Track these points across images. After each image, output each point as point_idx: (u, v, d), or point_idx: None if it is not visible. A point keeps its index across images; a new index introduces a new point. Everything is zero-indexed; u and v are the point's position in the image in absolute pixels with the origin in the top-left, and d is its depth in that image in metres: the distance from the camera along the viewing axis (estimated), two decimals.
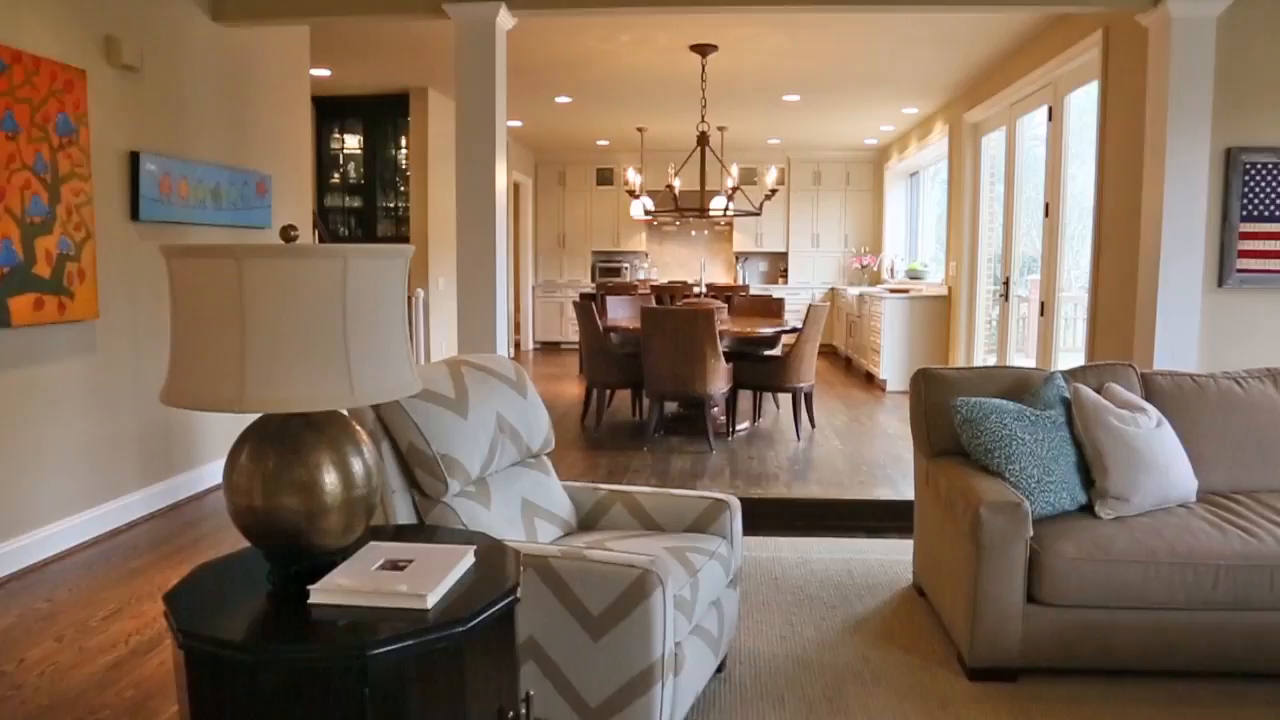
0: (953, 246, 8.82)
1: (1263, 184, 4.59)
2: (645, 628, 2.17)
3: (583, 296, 9.22)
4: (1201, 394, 3.50)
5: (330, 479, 1.60)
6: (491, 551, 1.83)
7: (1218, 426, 3.45)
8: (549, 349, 13.11)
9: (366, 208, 8.99)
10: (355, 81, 8.20)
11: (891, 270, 11.86)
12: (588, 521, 2.95)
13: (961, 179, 8.51)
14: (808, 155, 12.90)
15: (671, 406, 7.11)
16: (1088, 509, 3.08)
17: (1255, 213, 4.61)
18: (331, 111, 8.84)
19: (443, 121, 8.68)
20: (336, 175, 9.05)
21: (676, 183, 7.41)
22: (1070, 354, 6.27)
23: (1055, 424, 3.14)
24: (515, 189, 12.19)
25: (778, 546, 4.26)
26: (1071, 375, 3.47)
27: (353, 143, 9.01)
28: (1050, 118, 6.33)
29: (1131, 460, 3.05)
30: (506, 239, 5.07)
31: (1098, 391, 3.31)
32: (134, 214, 4.58)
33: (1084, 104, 5.88)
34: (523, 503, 2.70)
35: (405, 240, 8.67)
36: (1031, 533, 2.88)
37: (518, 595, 1.68)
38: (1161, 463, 3.09)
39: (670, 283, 11.10)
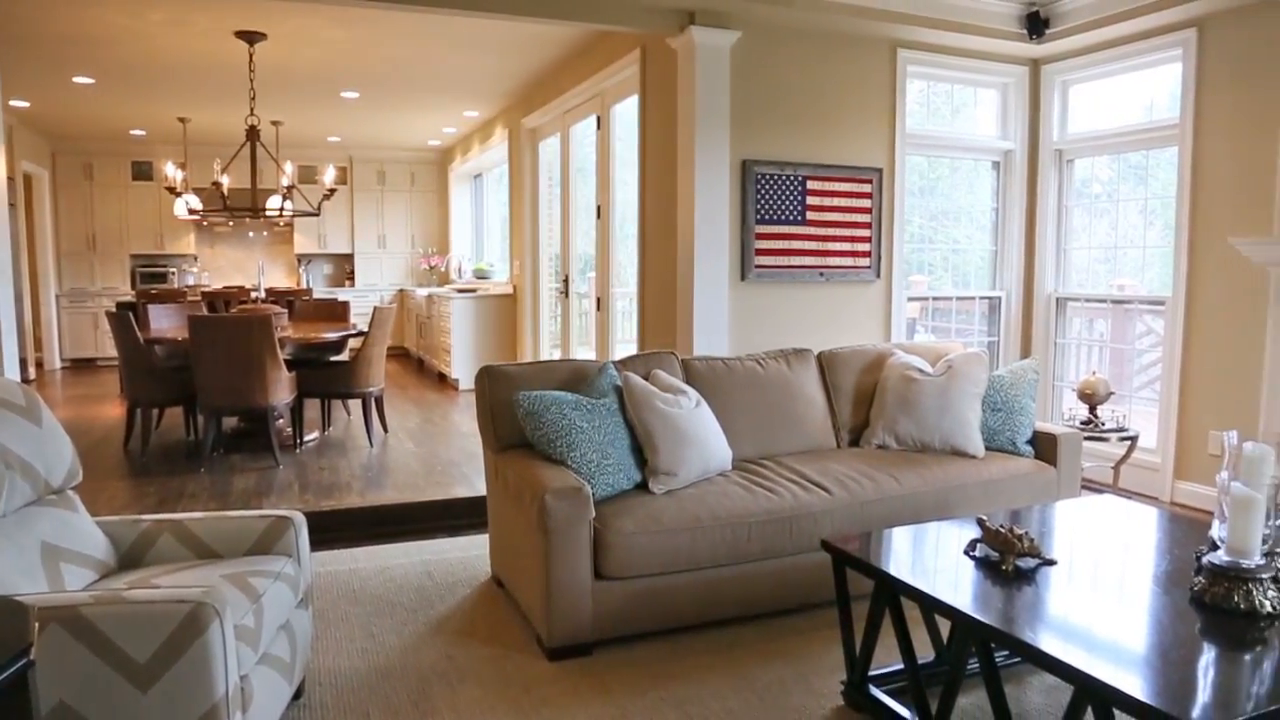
0: (516, 246, 9.14)
1: (770, 192, 5.33)
2: (203, 667, 1.97)
3: (120, 306, 8.19)
4: (731, 375, 3.99)
5: None
6: None
7: (745, 402, 3.95)
8: (81, 367, 11.47)
9: None
10: None
11: (459, 270, 12.02)
12: (130, 559, 2.62)
13: (522, 182, 8.84)
14: (371, 155, 12.62)
15: (231, 422, 6.58)
16: (643, 486, 3.36)
17: (766, 217, 5.33)
18: None
19: None
20: None
21: (225, 180, 6.84)
22: (627, 345, 6.79)
23: (610, 410, 3.39)
24: (26, 181, 10.46)
25: (355, 558, 4.12)
26: (622, 364, 3.76)
27: None
28: (599, 126, 6.80)
29: (677, 438, 3.38)
30: (16, 239, 4.32)
31: (645, 378, 3.62)
32: None
33: (628, 115, 6.38)
34: (43, 547, 2.32)
35: None
36: (594, 514, 3.08)
37: (31, 657, 1.43)
38: (702, 438, 3.47)
39: (225, 288, 10.25)
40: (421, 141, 11.85)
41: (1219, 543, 2.30)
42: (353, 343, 6.64)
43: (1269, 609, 2.17)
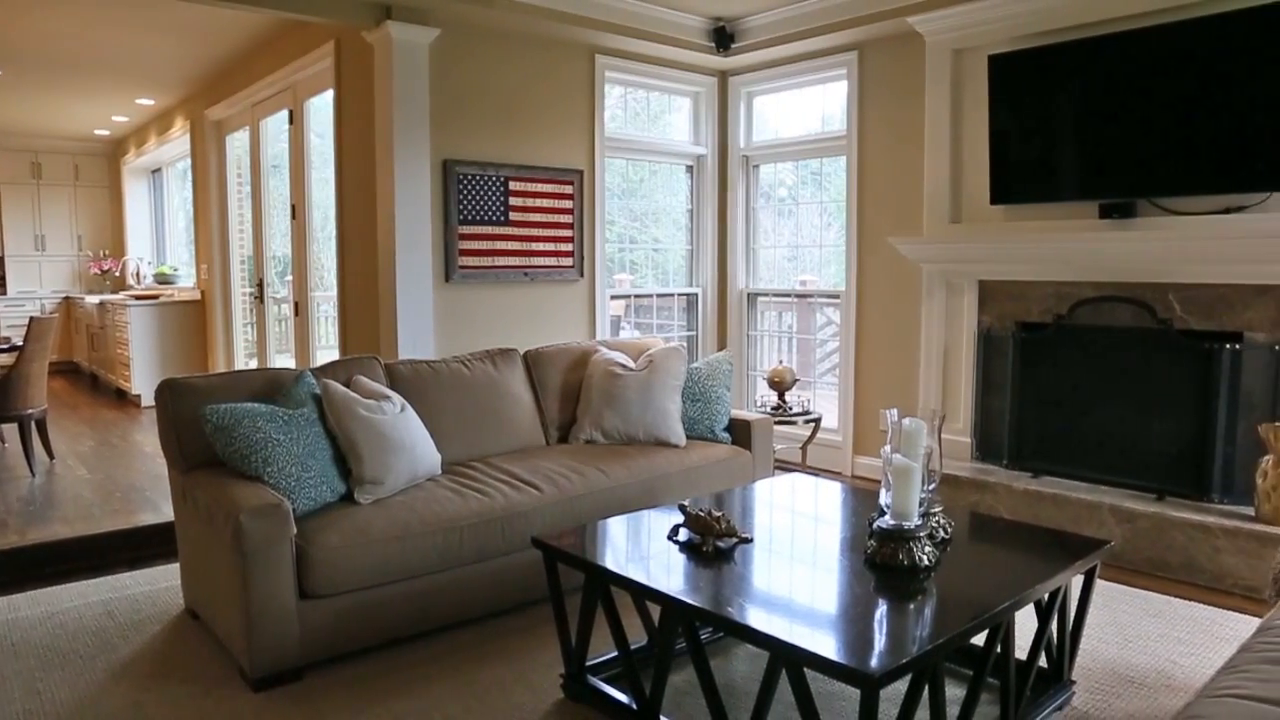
0: (203, 248, 8.45)
1: (473, 193, 5.28)
2: None
3: None
4: (437, 378, 3.92)
5: None
6: None
7: (453, 404, 3.90)
8: None
9: None
10: None
11: (138, 275, 10.93)
12: None
13: (207, 178, 8.18)
14: (22, 143, 11.11)
15: None
16: (348, 497, 3.22)
17: (469, 217, 5.28)
18: None
19: None
20: None
21: None
22: (329, 351, 6.47)
23: (309, 420, 3.21)
24: None
25: (14, 605, 3.62)
26: (321, 371, 3.59)
27: None
28: (292, 121, 6.42)
29: (382, 445, 3.27)
30: None
31: (347, 385, 3.47)
32: None
33: (324, 110, 6.07)
34: None
35: None
36: (296, 530, 2.91)
37: None
38: (408, 444, 3.38)
39: None
40: (86, 130, 10.61)
41: (886, 508, 2.57)
42: (4, 359, 5.84)
43: (926, 562, 2.46)
